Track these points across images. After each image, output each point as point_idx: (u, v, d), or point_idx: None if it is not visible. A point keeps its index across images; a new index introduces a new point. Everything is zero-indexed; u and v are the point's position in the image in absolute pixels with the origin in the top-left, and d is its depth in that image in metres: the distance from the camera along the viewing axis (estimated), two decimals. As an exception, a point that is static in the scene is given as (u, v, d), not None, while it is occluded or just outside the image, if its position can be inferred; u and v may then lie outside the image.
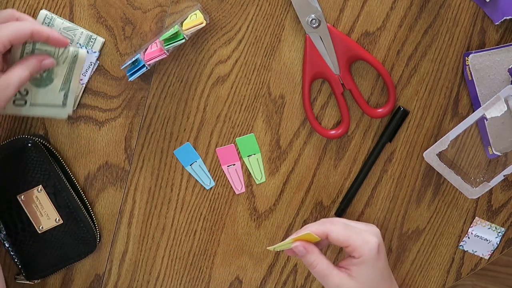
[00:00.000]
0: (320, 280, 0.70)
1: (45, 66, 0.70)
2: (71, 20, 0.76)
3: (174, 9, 0.76)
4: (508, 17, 0.71)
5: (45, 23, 0.74)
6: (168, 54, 0.73)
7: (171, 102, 0.78)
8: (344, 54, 0.75)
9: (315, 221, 0.81)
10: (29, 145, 0.75)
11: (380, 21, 0.76)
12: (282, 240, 0.81)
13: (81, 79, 0.76)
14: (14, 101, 0.72)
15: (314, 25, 0.74)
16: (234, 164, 0.79)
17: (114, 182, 0.80)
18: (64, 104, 0.73)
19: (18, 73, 0.68)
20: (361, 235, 0.69)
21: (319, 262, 0.69)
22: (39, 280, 0.80)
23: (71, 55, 0.72)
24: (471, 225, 0.80)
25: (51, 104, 0.73)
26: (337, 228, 0.69)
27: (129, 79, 0.74)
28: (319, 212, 0.81)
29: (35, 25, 0.69)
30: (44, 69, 0.71)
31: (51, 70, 0.72)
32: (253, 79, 0.77)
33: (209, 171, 0.80)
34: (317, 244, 0.71)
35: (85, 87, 0.77)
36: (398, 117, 0.77)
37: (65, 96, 0.73)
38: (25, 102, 0.72)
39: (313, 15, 0.75)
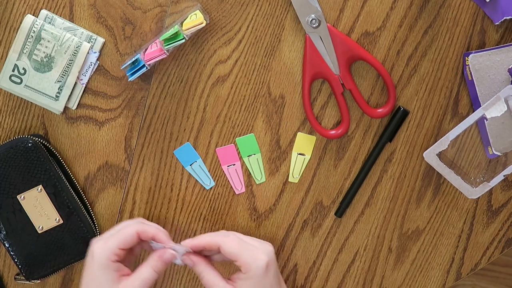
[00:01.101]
0: None
1: (167, 261, 0.71)
2: (71, 20, 0.76)
3: (174, 9, 0.76)
4: (508, 17, 0.71)
5: (46, 23, 0.74)
6: (168, 54, 0.73)
7: (171, 102, 0.78)
8: (344, 54, 0.75)
9: (315, 221, 0.81)
10: (29, 145, 0.75)
11: (380, 21, 0.76)
12: (283, 237, 0.81)
13: (81, 79, 0.76)
14: (10, 77, 0.73)
15: (314, 25, 0.74)
16: (234, 164, 0.79)
17: (114, 182, 0.80)
18: (57, 97, 0.74)
19: (141, 276, 0.70)
20: (251, 252, 0.70)
21: (206, 273, 0.71)
22: (39, 280, 0.80)
23: (74, 45, 0.73)
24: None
25: (44, 92, 0.74)
26: (229, 241, 0.70)
27: (129, 79, 0.74)
28: (319, 212, 0.81)
29: (139, 226, 0.71)
30: (166, 263, 0.72)
31: (52, 57, 0.73)
32: (253, 79, 0.77)
33: (209, 171, 0.80)
34: (210, 257, 0.73)
35: (85, 87, 0.77)
36: (398, 117, 0.77)
37: (60, 89, 0.74)
38: (21, 81, 0.74)
39: (313, 15, 0.75)
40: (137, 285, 0.69)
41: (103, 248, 0.69)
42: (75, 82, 0.76)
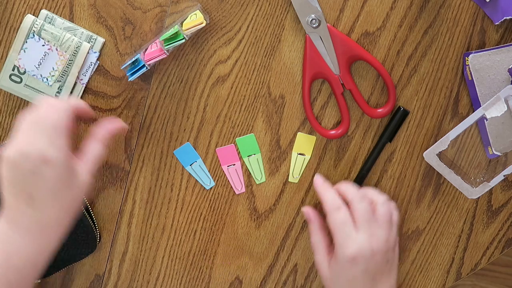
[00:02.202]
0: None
1: (114, 133, 0.72)
2: (71, 20, 0.76)
3: (174, 9, 0.76)
4: (508, 17, 0.71)
5: (46, 23, 0.74)
6: (168, 54, 0.73)
7: (171, 102, 0.78)
8: (344, 54, 0.75)
9: (315, 221, 0.81)
10: (29, 145, 0.75)
11: (380, 21, 0.76)
12: (283, 237, 0.81)
13: (81, 79, 0.76)
14: (10, 76, 0.73)
15: (314, 25, 0.74)
16: (234, 164, 0.79)
17: (114, 182, 0.80)
18: (56, 97, 0.74)
19: (96, 155, 0.69)
20: (345, 238, 0.70)
21: (314, 235, 0.74)
22: (39, 280, 0.80)
23: (74, 45, 0.73)
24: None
25: (43, 92, 0.74)
26: (334, 215, 0.71)
27: (129, 79, 0.74)
28: (319, 212, 0.81)
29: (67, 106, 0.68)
30: (113, 135, 0.72)
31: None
32: (253, 79, 0.77)
33: (209, 171, 0.80)
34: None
35: (85, 87, 0.77)
36: (398, 117, 0.77)
37: (59, 89, 0.74)
38: (21, 81, 0.74)
39: (313, 15, 0.75)
40: (94, 164, 0.69)
41: (60, 152, 0.65)
42: (75, 82, 0.76)
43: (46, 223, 0.66)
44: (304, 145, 0.79)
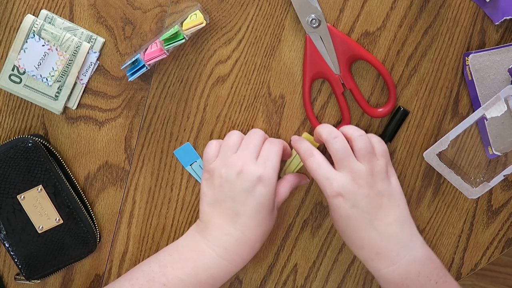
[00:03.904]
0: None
1: (302, 185, 0.78)
2: (71, 20, 0.76)
3: (174, 9, 0.76)
4: (508, 17, 0.71)
5: (46, 23, 0.74)
6: (168, 54, 0.73)
7: (171, 102, 0.78)
8: (344, 54, 0.75)
9: (315, 221, 0.81)
10: (29, 145, 0.75)
11: (380, 21, 0.76)
12: (283, 238, 0.81)
13: (81, 79, 0.76)
14: (10, 76, 0.73)
15: (314, 25, 0.74)
16: (234, 164, 0.79)
17: (114, 182, 0.80)
18: (56, 97, 0.74)
19: (285, 195, 0.74)
20: (323, 183, 0.69)
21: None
22: (39, 280, 0.80)
23: (74, 45, 0.73)
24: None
25: (43, 92, 0.74)
26: (310, 163, 0.71)
27: (129, 79, 0.74)
28: (319, 212, 0.81)
29: (283, 143, 0.75)
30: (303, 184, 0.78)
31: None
32: (253, 79, 0.77)
33: (209, 171, 0.79)
34: None
35: (85, 87, 0.77)
36: (398, 117, 0.77)
37: (59, 89, 0.74)
38: (20, 81, 0.74)
39: (313, 15, 0.75)
40: (282, 201, 0.74)
41: (272, 173, 0.70)
42: (75, 82, 0.76)
43: (243, 243, 0.70)
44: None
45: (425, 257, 0.70)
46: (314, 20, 0.74)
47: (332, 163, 0.71)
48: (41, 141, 0.76)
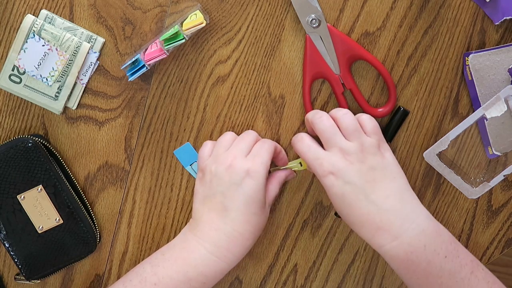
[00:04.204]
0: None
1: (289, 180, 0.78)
2: (71, 20, 0.76)
3: (174, 9, 0.76)
4: (508, 17, 0.71)
5: (46, 22, 0.74)
6: (168, 54, 0.73)
7: (171, 102, 0.78)
8: (344, 53, 0.75)
9: (315, 221, 0.81)
10: (29, 145, 0.75)
11: (380, 21, 0.76)
12: (283, 237, 0.81)
13: (81, 79, 0.76)
14: (10, 76, 0.73)
15: (314, 25, 0.74)
16: (234, 164, 0.79)
17: (114, 182, 0.80)
18: (56, 97, 0.74)
19: (275, 191, 0.75)
20: (315, 165, 0.70)
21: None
22: (39, 280, 0.80)
23: (74, 45, 0.73)
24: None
25: (43, 92, 0.74)
26: (299, 147, 0.72)
27: (129, 79, 0.74)
28: (319, 212, 0.81)
29: (273, 142, 0.75)
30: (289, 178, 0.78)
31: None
32: (253, 79, 0.77)
33: (209, 171, 0.79)
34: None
35: (85, 87, 0.77)
36: (398, 117, 0.77)
37: (59, 89, 0.74)
38: (20, 81, 0.74)
39: (313, 15, 0.75)
40: (274, 199, 0.74)
41: (261, 166, 0.71)
42: (75, 82, 0.76)
43: (234, 239, 0.70)
44: None
45: (431, 231, 0.68)
46: (314, 20, 0.74)
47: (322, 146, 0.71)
48: (41, 141, 0.76)
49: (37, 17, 0.75)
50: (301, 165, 0.76)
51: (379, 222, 0.68)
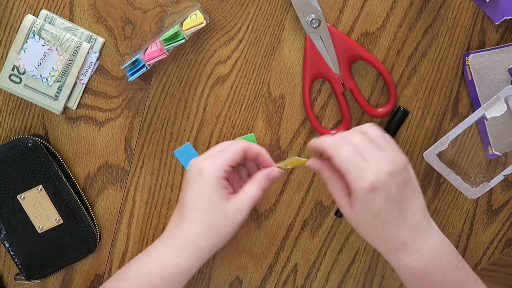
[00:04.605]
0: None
1: (273, 179, 0.72)
2: (71, 20, 0.76)
3: (174, 9, 0.76)
4: (508, 17, 0.71)
5: (46, 23, 0.74)
6: (168, 54, 0.73)
7: (171, 102, 0.78)
8: (344, 53, 0.75)
9: (315, 221, 0.81)
10: (29, 145, 0.75)
11: (380, 21, 0.76)
12: (283, 237, 0.81)
13: (81, 79, 0.76)
14: (10, 76, 0.73)
15: (314, 25, 0.74)
16: (234, 164, 0.79)
17: (114, 182, 0.80)
18: (56, 97, 0.74)
19: (250, 193, 0.71)
20: (358, 171, 0.64)
21: (330, 182, 0.68)
22: (39, 280, 0.80)
23: (74, 45, 0.73)
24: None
25: (43, 92, 0.74)
26: (340, 154, 0.65)
27: (129, 79, 0.74)
28: (319, 212, 0.81)
29: (245, 143, 0.72)
30: (272, 181, 0.73)
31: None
32: (253, 79, 0.77)
33: (209, 171, 0.79)
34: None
35: (85, 87, 0.77)
36: (398, 117, 0.77)
37: (59, 89, 0.74)
38: (20, 81, 0.74)
39: (313, 15, 0.75)
40: (246, 201, 0.70)
41: (213, 165, 0.70)
42: (75, 82, 0.76)
43: (187, 235, 0.70)
44: (293, 163, 0.76)
45: (443, 241, 0.69)
46: (314, 20, 0.74)
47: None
48: (41, 141, 0.76)
49: (37, 17, 0.75)
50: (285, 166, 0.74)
51: (406, 237, 0.67)
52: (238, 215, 0.70)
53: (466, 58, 0.75)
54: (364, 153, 0.65)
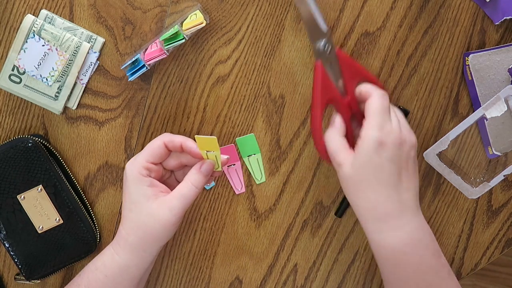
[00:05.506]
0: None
1: (206, 172, 0.70)
2: (71, 20, 0.76)
3: (174, 9, 0.76)
4: (508, 17, 0.71)
5: (46, 22, 0.74)
6: (168, 54, 0.73)
7: (171, 102, 0.78)
8: (352, 78, 0.72)
9: (315, 221, 0.81)
10: (29, 145, 0.75)
11: (380, 21, 0.76)
12: (283, 237, 0.81)
13: (81, 79, 0.76)
14: (10, 76, 0.74)
15: (327, 51, 0.70)
16: (234, 164, 0.79)
17: (114, 182, 0.80)
18: (56, 97, 0.74)
19: (180, 192, 0.69)
20: (372, 124, 0.67)
21: (336, 137, 0.70)
22: (39, 280, 0.80)
23: (74, 45, 0.73)
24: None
25: (43, 92, 0.74)
26: (375, 99, 0.68)
27: (129, 79, 0.74)
28: (319, 212, 0.81)
29: (165, 137, 0.71)
30: (207, 175, 0.70)
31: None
32: (253, 79, 0.77)
33: (209, 171, 0.79)
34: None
35: (85, 87, 0.77)
36: (398, 117, 0.77)
37: (59, 89, 0.74)
38: (20, 81, 0.74)
39: (324, 40, 0.70)
40: (177, 200, 0.68)
41: (133, 164, 0.70)
42: (75, 82, 0.76)
43: (120, 231, 0.71)
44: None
45: (426, 229, 0.70)
46: (327, 46, 0.70)
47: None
48: (41, 141, 0.76)
49: (37, 17, 0.75)
50: (218, 166, 0.71)
51: (391, 209, 0.67)
52: (166, 214, 0.68)
53: (466, 58, 0.75)
54: (391, 117, 0.68)
